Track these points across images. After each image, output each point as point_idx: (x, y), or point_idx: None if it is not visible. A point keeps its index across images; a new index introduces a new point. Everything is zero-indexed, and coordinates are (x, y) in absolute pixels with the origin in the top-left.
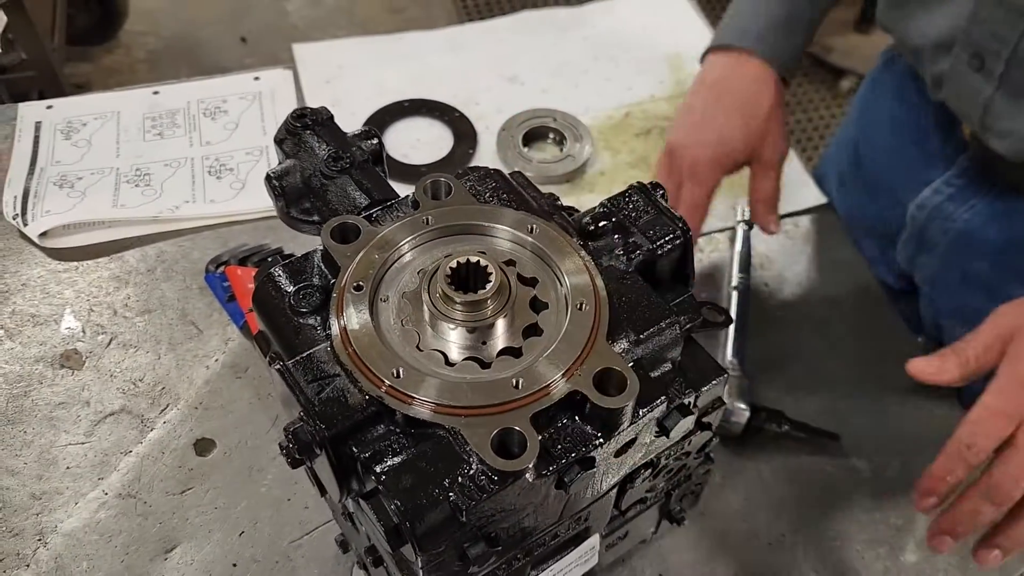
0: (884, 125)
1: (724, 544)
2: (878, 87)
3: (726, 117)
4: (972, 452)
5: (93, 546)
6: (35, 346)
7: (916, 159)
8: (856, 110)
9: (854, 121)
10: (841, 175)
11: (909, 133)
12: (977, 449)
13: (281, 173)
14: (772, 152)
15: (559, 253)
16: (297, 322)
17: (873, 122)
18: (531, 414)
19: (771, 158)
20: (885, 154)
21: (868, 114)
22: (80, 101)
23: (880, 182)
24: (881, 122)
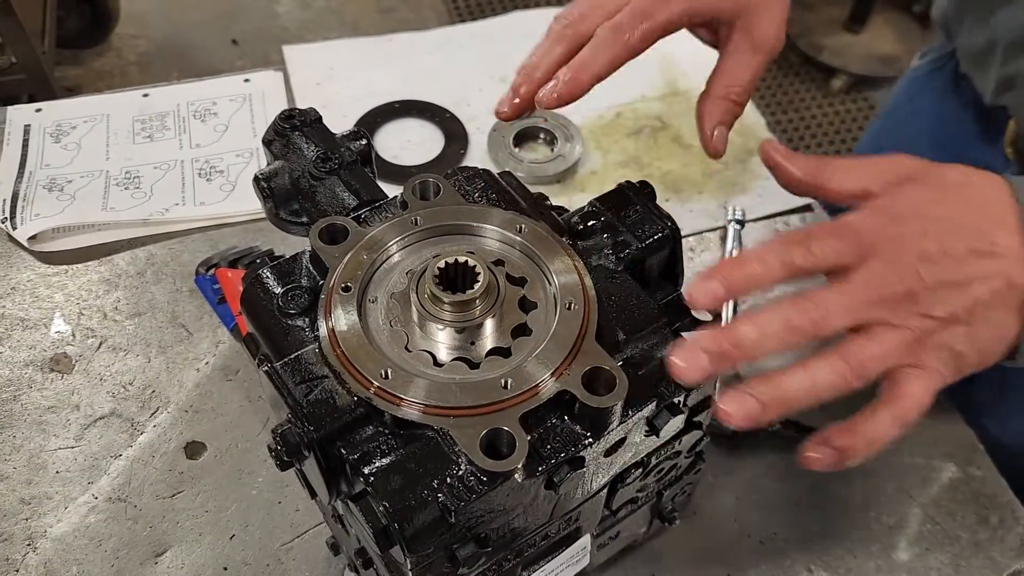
0: (922, 138)
1: (716, 543)
2: (916, 99)
3: None
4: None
5: (83, 551)
6: (24, 350)
7: None
8: (888, 120)
9: (884, 132)
10: None
11: (949, 147)
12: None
13: (269, 174)
14: (770, 26)
15: (548, 252)
16: (285, 323)
17: (908, 135)
18: (520, 414)
19: (764, 34)
20: None
21: (903, 126)
22: (69, 104)
23: None
24: (918, 135)
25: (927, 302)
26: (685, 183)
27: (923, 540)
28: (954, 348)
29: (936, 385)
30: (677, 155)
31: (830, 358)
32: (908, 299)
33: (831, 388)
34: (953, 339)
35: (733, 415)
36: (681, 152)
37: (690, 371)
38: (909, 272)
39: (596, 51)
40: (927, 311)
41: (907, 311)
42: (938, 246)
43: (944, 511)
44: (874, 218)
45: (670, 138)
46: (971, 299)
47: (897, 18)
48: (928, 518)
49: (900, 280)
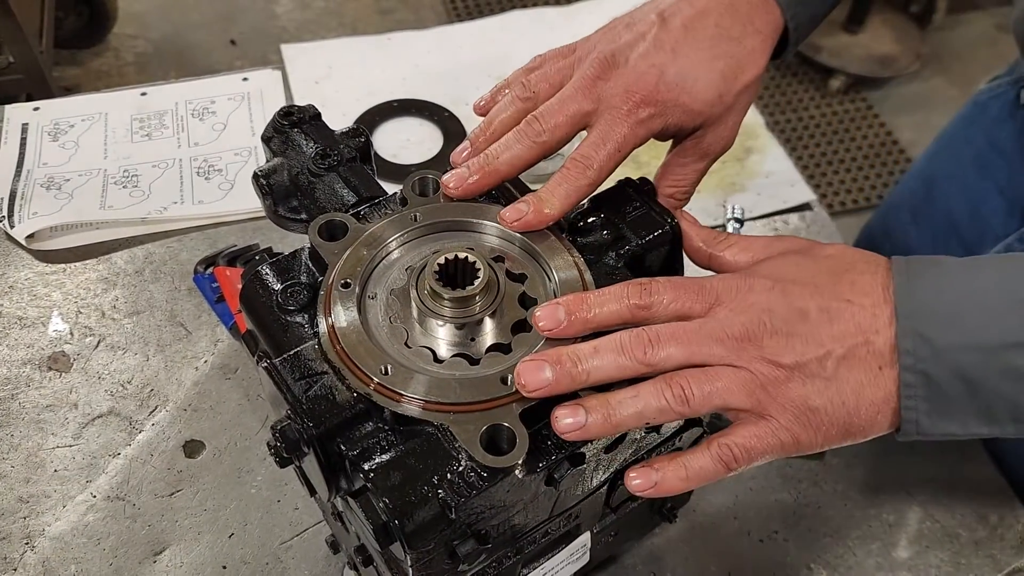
0: (972, 164)
1: (716, 541)
2: (971, 125)
3: (708, 54)
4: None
5: (81, 549)
6: (22, 349)
7: (997, 208)
8: (942, 144)
9: (938, 155)
10: (915, 209)
11: (994, 177)
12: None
13: (268, 171)
14: (723, 134)
15: (548, 249)
16: (284, 320)
17: (960, 160)
18: (521, 410)
19: (716, 143)
20: (964, 196)
21: (955, 151)
22: (67, 103)
23: (952, 225)
24: (969, 161)
25: (772, 348)
26: None
27: (923, 538)
28: (808, 402)
29: (778, 438)
30: None
31: (657, 382)
32: (749, 341)
33: (658, 412)
34: (805, 392)
35: (565, 427)
36: None
37: (532, 385)
38: (752, 318)
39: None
40: (772, 357)
41: (750, 354)
42: (785, 300)
43: (944, 509)
44: (728, 279)
45: None
46: (823, 351)
47: (895, 19)
48: (928, 516)
49: (742, 323)
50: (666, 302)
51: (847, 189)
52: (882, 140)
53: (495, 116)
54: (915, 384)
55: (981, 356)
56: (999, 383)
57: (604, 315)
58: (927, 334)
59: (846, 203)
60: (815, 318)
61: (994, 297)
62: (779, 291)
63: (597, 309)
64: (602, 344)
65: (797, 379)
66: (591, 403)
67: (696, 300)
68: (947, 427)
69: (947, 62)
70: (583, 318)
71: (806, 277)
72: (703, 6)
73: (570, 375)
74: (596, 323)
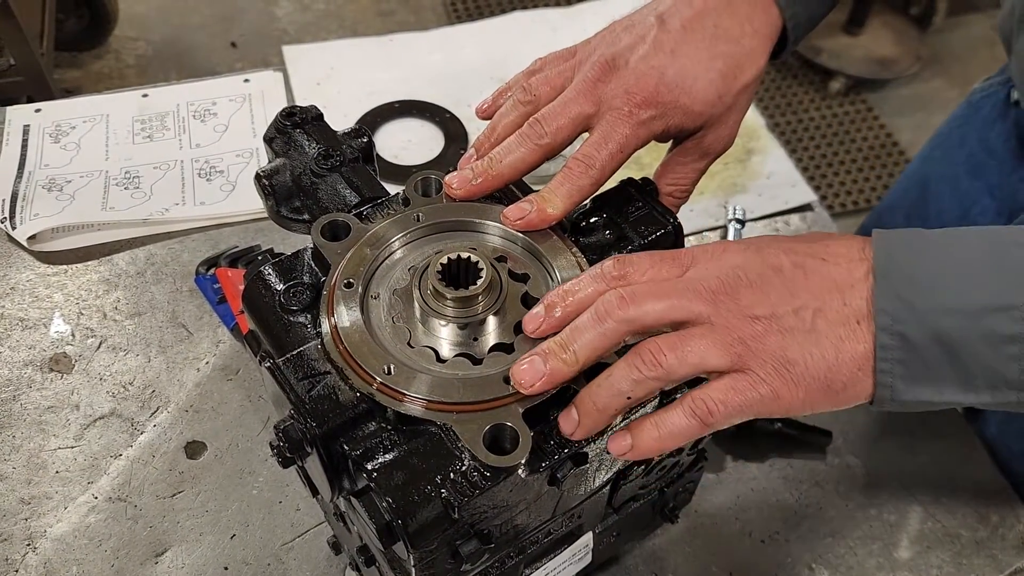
0: (966, 164)
1: (718, 542)
2: (964, 125)
3: (707, 55)
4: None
5: (83, 551)
6: (24, 350)
7: (987, 208)
8: (936, 144)
9: (928, 157)
10: (909, 211)
11: (986, 178)
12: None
13: (271, 172)
14: (723, 134)
15: (550, 249)
16: (287, 320)
17: (953, 159)
18: (523, 410)
19: (716, 142)
20: (956, 197)
21: (949, 151)
22: (69, 104)
23: (943, 225)
24: (962, 160)
25: (748, 300)
26: None
27: (924, 538)
28: (786, 354)
29: (757, 391)
30: None
31: (628, 355)
32: (725, 294)
33: (632, 385)
34: (783, 343)
35: (565, 433)
36: None
37: (529, 379)
38: (727, 271)
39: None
40: (748, 310)
41: (726, 307)
42: (759, 257)
43: (945, 509)
44: (703, 245)
45: None
46: (798, 303)
47: (895, 20)
48: (929, 516)
49: (717, 277)
50: (642, 268)
51: (847, 190)
52: (882, 141)
53: (498, 121)
54: (891, 346)
55: (961, 320)
56: (979, 348)
57: (584, 295)
58: (905, 295)
59: (846, 204)
60: (789, 273)
61: (976, 262)
62: (753, 250)
63: (578, 292)
64: (580, 320)
65: (775, 331)
66: (577, 399)
67: (672, 265)
68: (922, 393)
69: (947, 64)
70: (563, 304)
71: (780, 242)
72: (701, 7)
73: (562, 360)
74: (577, 305)
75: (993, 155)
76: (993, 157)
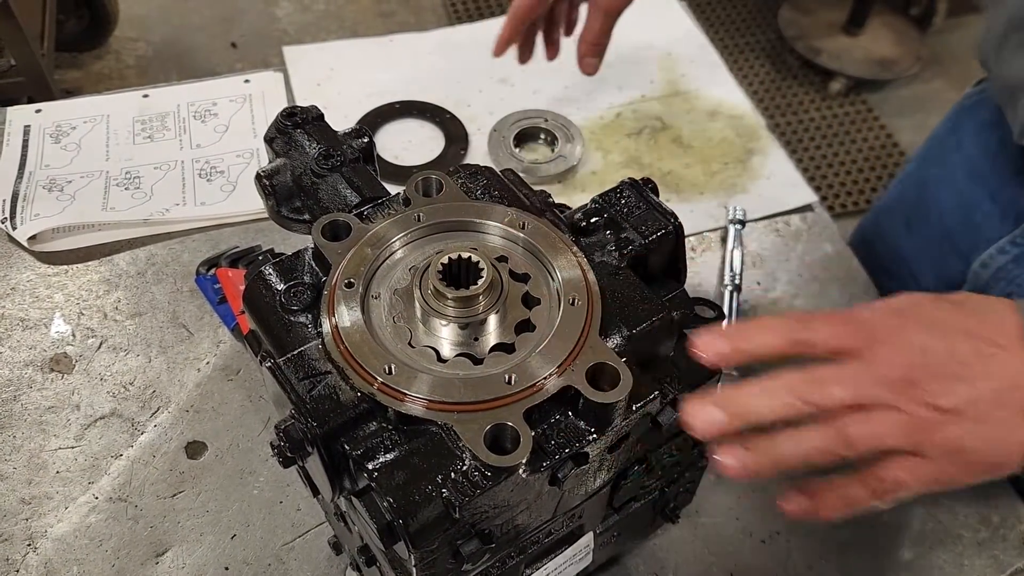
0: (961, 169)
1: (718, 542)
2: (959, 129)
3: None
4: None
5: (83, 551)
6: (24, 350)
7: (990, 212)
8: (931, 148)
9: (927, 160)
10: (908, 214)
11: (986, 182)
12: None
13: (271, 172)
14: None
15: (551, 249)
16: (288, 320)
17: (949, 164)
18: (524, 409)
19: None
20: (957, 202)
21: (944, 155)
22: (69, 104)
23: (946, 231)
24: (958, 165)
25: (932, 390)
26: (686, 183)
27: (925, 539)
28: (963, 443)
29: (933, 476)
30: (678, 155)
31: (823, 427)
32: (910, 384)
33: (820, 453)
34: (960, 434)
35: (729, 467)
36: (682, 152)
37: (702, 425)
38: (913, 359)
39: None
40: (932, 400)
41: (909, 396)
42: (942, 342)
43: (946, 510)
44: (878, 312)
45: (670, 138)
46: (976, 394)
47: (895, 21)
48: (930, 516)
49: (903, 364)
50: (824, 338)
51: (847, 191)
52: (882, 142)
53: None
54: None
55: None
56: None
57: (762, 347)
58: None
59: (847, 205)
60: (972, 362)
61: None
62: (936, 333)
63: (757, 340)
64: (770, 385)
65: (954, 422)
66: (756, 443)
67: (854, 337)
68: None
69: (947, 64)
70: (741, 348)
71: (947, 317)
72: None
73: (740, 416)
74: (752, 354)
75: (992, 160)
76: (992, 162)
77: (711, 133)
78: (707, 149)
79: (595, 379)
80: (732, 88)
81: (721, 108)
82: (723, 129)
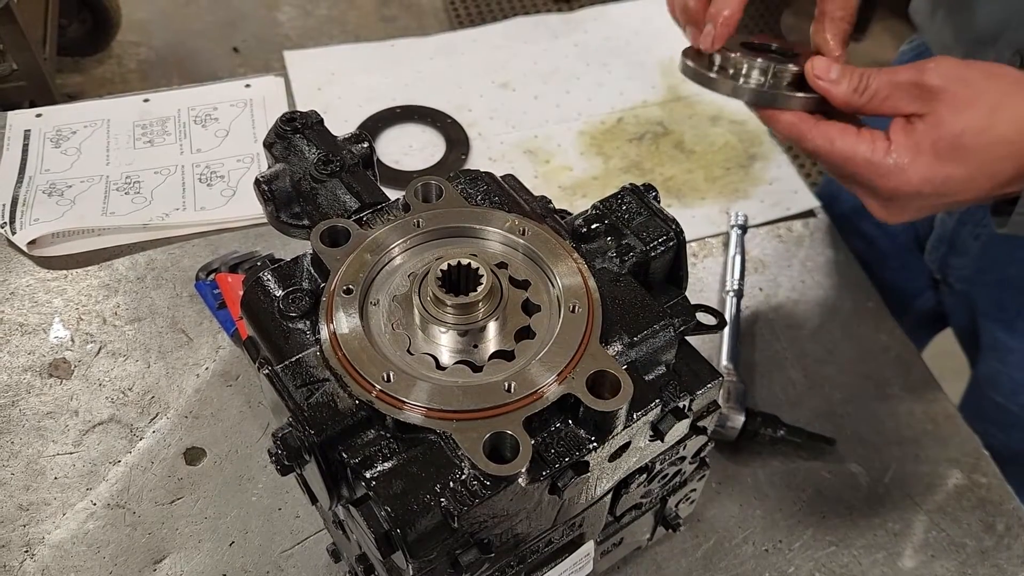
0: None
1: (720, 550)
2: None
3: None
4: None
5: (81, 557)
6: (23, 355)
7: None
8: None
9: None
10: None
11: None
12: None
13: (270, 177)
14: None
15: (551, 255)
16: (286, 326)
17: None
18: (524, 418)
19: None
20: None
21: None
22: (70, 109)
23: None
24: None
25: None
26: (687, 189)
27: (929, 547)
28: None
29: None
30: (679, 161)
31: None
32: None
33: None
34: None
35: (818, 72)
36: (683, 158)
37: (822, 73)
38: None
39: None
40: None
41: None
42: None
43: (950, 518)
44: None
45: (672, 144)
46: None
47: (897, 25)
48: (934, 525)
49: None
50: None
51: None
52: None
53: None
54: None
55: None
56: None
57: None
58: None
59: None
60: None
61: None
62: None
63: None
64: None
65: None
66: (849, 70)
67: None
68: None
69: None
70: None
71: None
72: None
73: (851, 88)
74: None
75: None
76: None
77: (713, 138)
78: (709, 154)
79: (595, 387)
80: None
81: (723, 113)
82: (725, 134)
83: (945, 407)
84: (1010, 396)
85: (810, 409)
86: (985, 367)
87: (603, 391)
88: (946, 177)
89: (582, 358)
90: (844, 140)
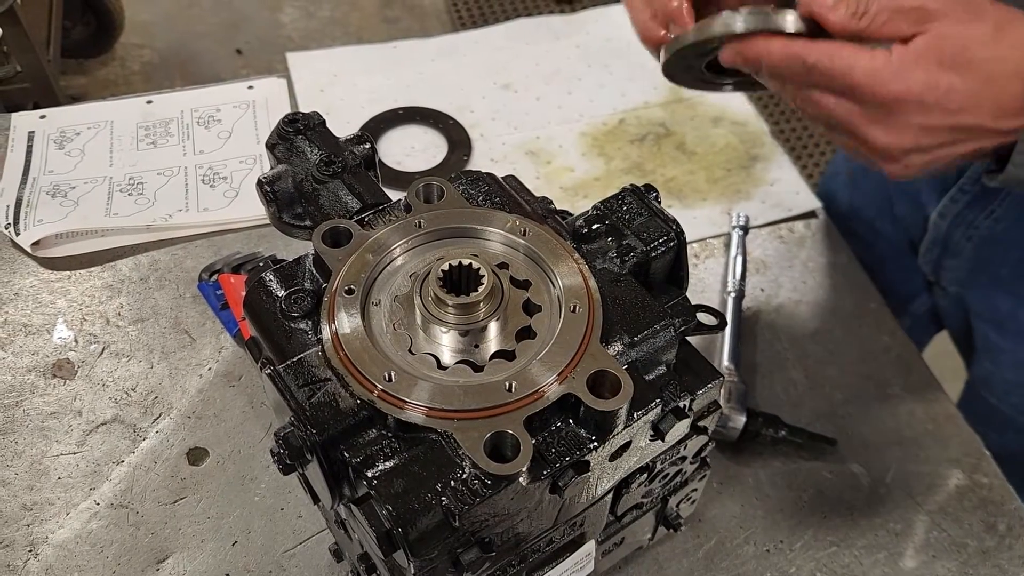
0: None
1: (721, 550)
2: None
3: None
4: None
5: (84, 557)
6: (27, 356)
7: (923, 182)
8: None
9: None
10: (853, 174)
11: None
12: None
13: (273, 178)
14: None
15: (552, 256)
16: (288, 327)
17: None
18: (524, 417)
19: None
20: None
21: None
22: (73, 110)
23: (900, 184)
24: None
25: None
26: (689, 190)
27: (930, 547)
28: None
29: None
30: (681, 162)
31: None
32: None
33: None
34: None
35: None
36: (685, 159)
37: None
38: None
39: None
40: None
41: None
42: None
43: (951, 518)
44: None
45: (674, 145)
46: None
47: None
48: (935, 525)
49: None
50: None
51: None
52: None
53: None
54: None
55: None
56: None
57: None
58: None
59: None
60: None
61: None
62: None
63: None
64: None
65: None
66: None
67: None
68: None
69: None
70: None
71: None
72: None
73: (850, 12)
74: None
75: None
76: None
77: (714, 139)
78: (710, 155)
79: (596, 387)
80: (735, 94)
81: (724, 114)
82: (726, 135)
83: (946, 407)
84: (1003, 397)
85: (811, 409)
86: (979, 368)
87: (603, 391)
88: (949, 86)
89: (583, 358)
90: (844, 51)
